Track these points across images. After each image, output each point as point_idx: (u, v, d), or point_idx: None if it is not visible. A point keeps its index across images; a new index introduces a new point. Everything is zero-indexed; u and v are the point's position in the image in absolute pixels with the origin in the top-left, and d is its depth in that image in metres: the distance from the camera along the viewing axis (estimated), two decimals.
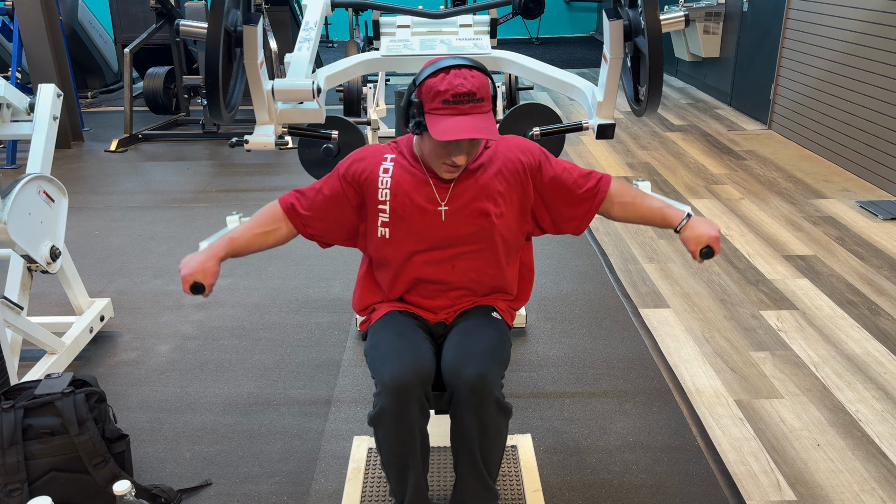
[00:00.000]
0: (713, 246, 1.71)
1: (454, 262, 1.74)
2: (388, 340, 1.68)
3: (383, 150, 1.77)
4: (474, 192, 1.71)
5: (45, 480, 1.86)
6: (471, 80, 1.56)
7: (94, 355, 2.81)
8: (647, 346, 2.82)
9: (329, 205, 1.76)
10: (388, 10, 2.82)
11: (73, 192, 4.72)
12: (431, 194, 1.70)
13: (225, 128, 6.12)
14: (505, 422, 1.67)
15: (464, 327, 1.74)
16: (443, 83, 1.56)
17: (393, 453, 1.65)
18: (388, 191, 1.71)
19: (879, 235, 3.79)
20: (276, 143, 2.32)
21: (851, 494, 2.05)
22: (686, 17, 2.22)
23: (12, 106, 2.68)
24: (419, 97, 1.60)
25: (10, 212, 2.30)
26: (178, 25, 2.12)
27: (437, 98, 1.56)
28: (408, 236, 1.72)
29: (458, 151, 1.61)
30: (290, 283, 3.40)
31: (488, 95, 1.59)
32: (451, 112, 1.56)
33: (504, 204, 1.73)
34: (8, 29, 6.90)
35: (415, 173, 1.72)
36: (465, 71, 1.57)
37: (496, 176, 1.73)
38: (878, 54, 4.44)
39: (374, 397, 1.62)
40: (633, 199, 1.80)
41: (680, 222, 1.75)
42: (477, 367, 1.60)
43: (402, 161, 1.74)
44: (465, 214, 1.70)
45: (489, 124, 1.57)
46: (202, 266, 1.72)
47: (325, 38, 11.83)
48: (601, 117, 2.39)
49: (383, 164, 1.74)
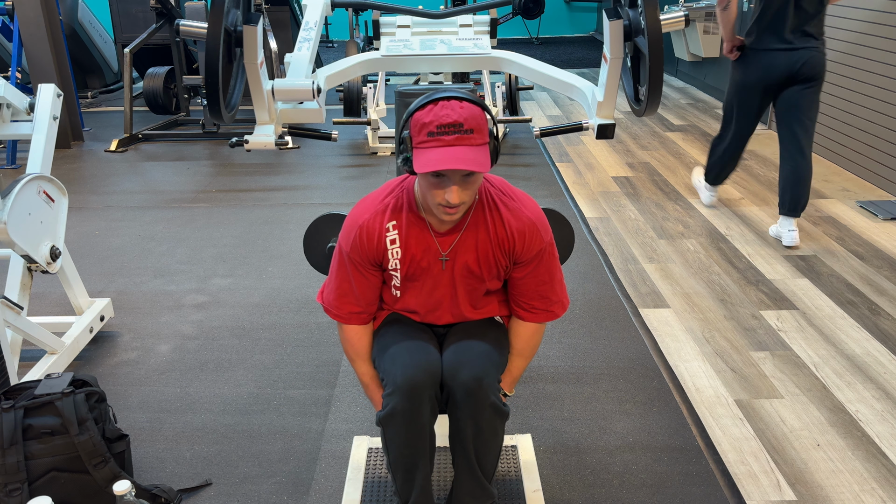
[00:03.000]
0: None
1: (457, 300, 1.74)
2: (398, 341, 1.68)
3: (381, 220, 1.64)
4: (473, 254, 1.65)
5: (45, 480, 1.86)
6: (458, 111, 1.45)
7: (94, 355, 2.81)
8: (647, 346, 2.82)
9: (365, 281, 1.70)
10: (388, 10, 2.82)
11: (73, 192, 4.72)
12: (434, 248, 1.65)
13: (225, 128, 6.12)
14: (501, 424, 1.67)
15: (463, 328, 1.74)
16: (429, 115, 1.46)
17: (402, 454, 1.65)
18: (398, 261, 1.65)
19: (879, 235, 3.79)
20: (276, 143, 2.32)
21: (851, 494, 2.05)
22: (686, 17, 2.22)
23: (12, 106, 2.68)
24: (409, 132, 1.51)
25: (10, 212, 2.30)
26: (178, 25, 2.12)
27: (423, 131, 1.46)
28: (417, 292, 1.72)
29: (449, 189, 1.48)
30: (290, 283, 3.40)
31: (480, 127, 1.46)
32: (436, 144, 1.45)
33: (493, 268, 1.69)
34: (8, 29, 6.90)
35: (420, 225, 1.63)
36: (454, 102, 1.46)
37: (497, 244, 1.65)
38: (878, 54, 4.44)
39: (384, 398, 1.62)
40: (518, 346, 1.78)
41: None
42: (473, 370, 1.60)
43: (402, 222, 1.63)
44: (462, 274, 1.68)
45: (477, 156, 1.44)
46: None
47: (325, 38, 11.84)
48: (601, 117, 2.39)
49: (387, 234, 1.63)
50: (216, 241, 3.89)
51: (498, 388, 1.64)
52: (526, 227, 1.63)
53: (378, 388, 1.77)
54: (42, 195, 2.51)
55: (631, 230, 3.94)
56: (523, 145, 5.67)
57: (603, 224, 4.03)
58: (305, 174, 5.05)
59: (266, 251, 3.76)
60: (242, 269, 3.54)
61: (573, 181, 4.77)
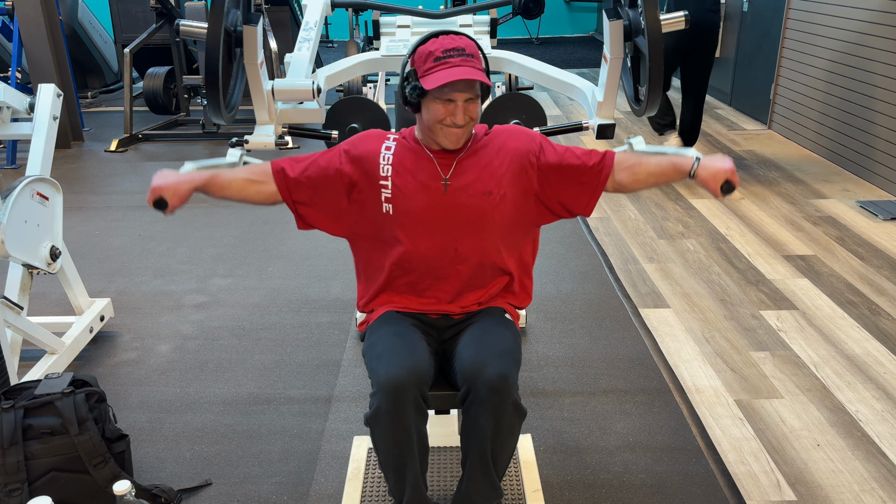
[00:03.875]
0: (731, 179, 1.69)
1: (456, 244, 1.73)
2: (385, 340, 1.68)
3: (386, 133, 1.83)
4: (477, 172, 1.73)
5: (45, 480, 1.86)
6: (458, 40, 1.65)
7: (94, 355, 2.81)
8: (647, 346, 2.82)
9: (321, 176, 1.77)
10: (388, 10, 2.83)
11: (73, 192, 4.72)
12: (434, 170, 1.72)
13: (225, 128, 6.12)
14: (519, 423, 1.66)
15: (479, 326, 1.73)
16: (433, 45, 1.64)
17: (390, 454, 1.64)
18: (391, 167, 1.73)
19: (879, 235, 3.79)
20: (276, 143, 2.32)
21: (851, 494, 2.05)
22: (686, 18, 2.22)
23: (12, 107, 2.68)
24: (412, 66, 1.67)
25: (7, 229, 2.28)
26: (178, 25, 2.12)
27: (429, 58, 1.63)
28: (411, 213, 1.72)
29: (456, 108, 1.64)
30: (290, 283, 3.40)
31: (478, 55, 1.67)
32: (443, 66, 1.62)
33: (507, 185, 1.73)
34: (8, 29, 6.89)
35: (417, 151, 1.75)
36: (452, 35, 1.67)
37: (498, 157, 1.75)
38: (878, 54, 4.44)
39: (370, 397, 1.62)
40: (639, 160, 1.78)
41: (692, 167, 1.72)
42: (498, 367, 1.60)
43: (404, 142, 1.78)
44: (468, 193, 1.71)
45: (482, 75, 1.64)
46: (175, 185, 1.73)
47: (325, 38, 11.83)
48: (601, 117, 2.39)
49: (385, 142, 1.78)
50: (216, 241, 3.89)
51: (518, 386, 1.64)
52: (514, 130, 1.82)
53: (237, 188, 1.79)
54: (36, 197, 2.49)
55: (631, 230, 3.94)
56: None
57: (603, 224, 4.03)
58: None
59: (266, 251, 3.76)
60: (242, 269, 3.54)
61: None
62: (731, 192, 1.70)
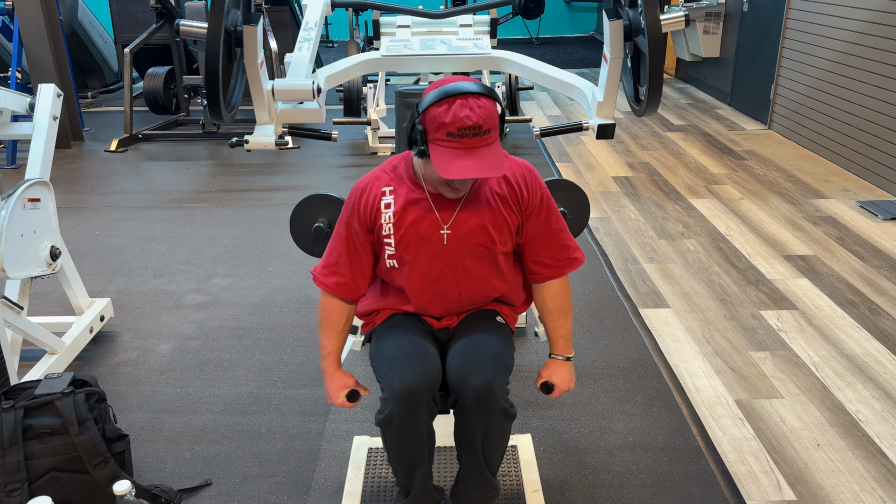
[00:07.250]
0: (557, 387, 1.79)
1: (460, 286, 1.73)
2: (397, 345, 1.68)
3: (379, 184, 1.70)
4: (477, 220, 1.66)
5: (45, 480, 1.86)
6: (477, 112, 1.48)
7: (94, 355, 2.81)
8: (647, 346, 2.82)
9: (357, 256, 1.73)
10: (388, 10, 2.83)
11: (73, 192, 4.72)
12: (434, 220, 1.66)
13: (225, 128, 6.12)
14: (509, 426, 1.68)
15: (468, 332, 1.73)
16: (447, 115, 1.48)
17: (401, 454, 1.67)
18: (392, 225, 1.67)
19: (879, 235, 3.79)
20: (276, 143, 2.32)
21: (851, 494, 2.05)
22: (686, 17, 2.22)
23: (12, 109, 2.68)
24: (423, 124, 1.53)
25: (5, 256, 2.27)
26: (178, 25, 2.12)
27: (442, 130, 1.49)
28: (413, 266, 1.70)
29: (462, 183, 1.59)
30: (290, 283, 3.40)
31: (495, 125, 1.53)
32: (456, 146, 1.49)
33: (504, 228, 1.69)
34: (8, 29, 6.89)
35: (416, 197, 1.66)
36: (471, 100, 1.49)
37: (498, 200, 1.68)
38: (878, 54, 4.44)
39: (381, 402, 1.63)
40: (554, 305, 1.78)
41: (558, 354, 1.81)
42: (483, 375, 1.60)
43: (401, 190, 1.68)
44: (468, 244, 1.68)
45: (496, 157, 1.52)
46: (341, 383, 1.79)
47: (325, 38, 11.84)
48: (601, 117, 2.40)
49: (383, 198, 1.68)
50: (216, 241, 3.89)
51: (507, 390, 1.65)
52: (525, 171, 1.71)
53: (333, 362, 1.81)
54: (28, 205, 2.44)
55: (631, 230, 3.94)
56: (523, 145, 5.67)
57: (603, 224, 4.03)
58: (305, 174, 5.05)
59: (266, 251, 3.76)
60: (242, 269, 3.54)
61: (573, 181, 4.77)
62: (547, 392, 1.81)
